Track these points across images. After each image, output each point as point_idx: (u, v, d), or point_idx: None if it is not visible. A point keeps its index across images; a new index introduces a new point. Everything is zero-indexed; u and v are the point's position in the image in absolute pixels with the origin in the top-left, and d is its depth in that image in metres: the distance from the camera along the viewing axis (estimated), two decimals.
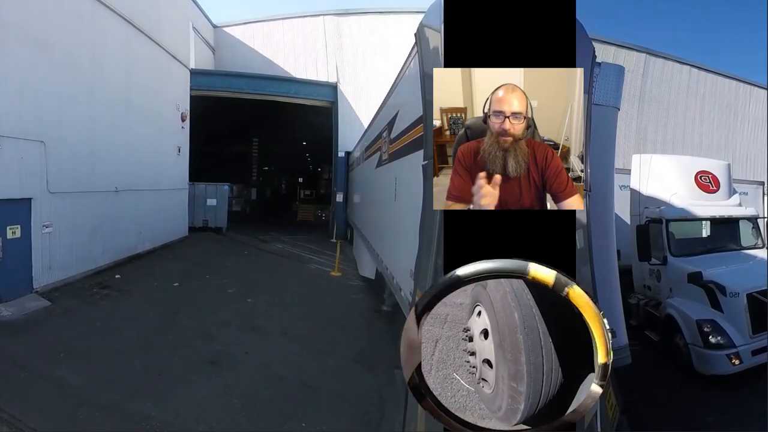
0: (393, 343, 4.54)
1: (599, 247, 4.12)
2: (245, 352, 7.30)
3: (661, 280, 8.28)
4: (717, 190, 8.70)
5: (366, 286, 11.41)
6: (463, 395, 1.80)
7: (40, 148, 9.25)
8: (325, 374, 6.67)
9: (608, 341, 1.49)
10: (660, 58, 19.93)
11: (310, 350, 7.54)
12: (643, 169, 9.13)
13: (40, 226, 9.34)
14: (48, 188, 9.47)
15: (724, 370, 6.72)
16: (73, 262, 10.33)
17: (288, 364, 6.97)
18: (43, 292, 9.26)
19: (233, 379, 6.35)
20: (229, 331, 8.24)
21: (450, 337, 1.85)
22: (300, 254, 16.06)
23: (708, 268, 7.34)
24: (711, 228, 8.57)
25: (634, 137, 19.27)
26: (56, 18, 9.68)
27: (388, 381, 6.15)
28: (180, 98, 16.02)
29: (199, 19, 18.71)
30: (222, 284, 11.20)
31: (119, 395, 5.59)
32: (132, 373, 6.23)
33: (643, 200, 8.95)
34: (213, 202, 18.52)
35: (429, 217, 3.24)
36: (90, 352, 6.81)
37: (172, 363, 6.67)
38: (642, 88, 19.61)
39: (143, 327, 8.06)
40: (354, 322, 9.07)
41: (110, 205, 11.70)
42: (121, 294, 9.98)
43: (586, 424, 2.34)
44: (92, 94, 10.93)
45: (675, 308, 7.57)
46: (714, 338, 6.79)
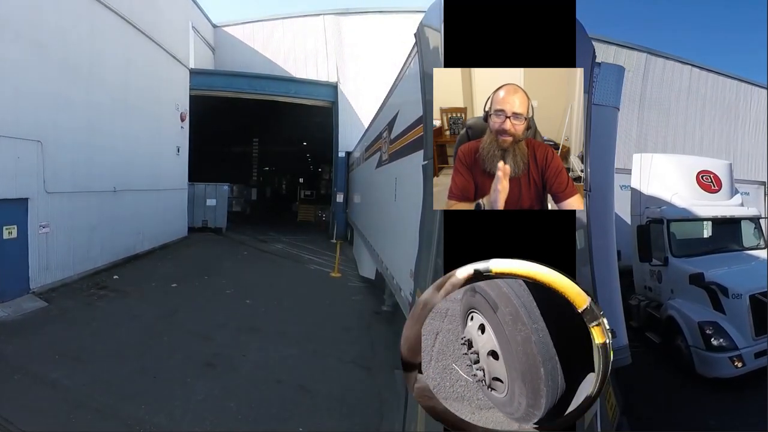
0: (393, 345, 4.27)
1: (599, 247, 4.10)
2: (243, 354, 7.21)
3: (662, 281, 8.20)
4: (719, 190, 8.62)
5: (366, 288, 11.31)
6: (461, 388, 1.80)
7: (37, 148, 9.19)
8: (323, 377, 6.58)
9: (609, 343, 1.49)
10: (661, 57, 19.86)
11: (309, 352, 7.46)
12: (643, 168, 9.05)
13: (37, 227, 9.28)
14: (45, 188, 9.41)
15: (727, 372, 6.64)
16: (71, 263, 10.27)
17: (286, 366, 6.87)
18: (40, 293, 9.20)
19: (230, 381, 6.26)
20: (226, 332, 8.15)
21: (450, 330, 1.85)
22: (299, 255, 15.98)
23: (710, 269, 7.25)
24: (713, 228, 8.47)
25: (635, 137, 19.21)
26: (54, 17, 9.62)
27: (388, 384, 6.07)
28: (179, 98, 15.97)
29: (198, 18, 18.66)
30: (220, 285, 11.12)
31: (113, 398, 5.52)
32: (127, 375, 6.16)
33: (644, 200, 8.86)
34: (213, 202, 18.46)
35: (429, 217, 3.23)
36: (85, 354, 6.75)
37: (168, 365, 6.59)
38: (643, 88, 19.57)
39: (140, 328, 7.98)
40: (353, 323, 8.98)
41: (108, 206, 11.64)
42: (119, 295, 9.89)
43: (586, 424, 2.31)
44: (90, 94, 10.88)
45: (676, 310, 7.48)
46: (716, 340, 6.71)
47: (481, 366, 1.76)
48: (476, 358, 1.78)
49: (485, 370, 1.75)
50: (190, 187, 17.54)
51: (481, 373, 1.77)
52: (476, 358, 1.78)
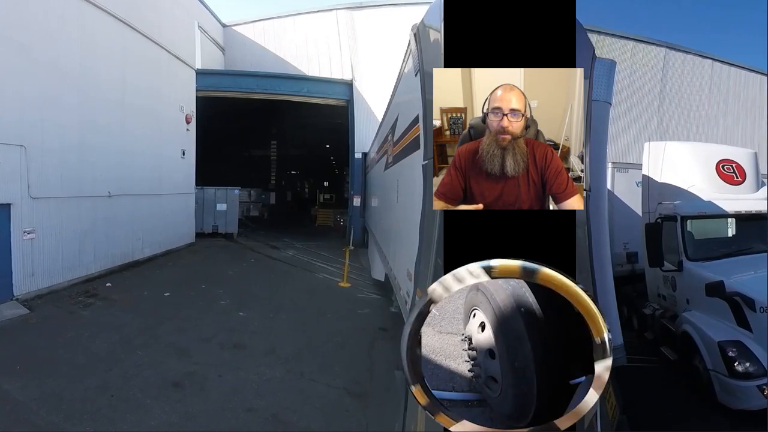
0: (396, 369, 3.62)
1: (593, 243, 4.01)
2: (219, 374, 6.43)
3: (677, 289, 6.98)
4: (742, 181, 7.45)
5: (375, 299, 10.48)
6: (461, 388, 1.81)
7: (21, 153, 8.83)
8: (304, 406, 5.70)
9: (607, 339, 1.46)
10: (680, 52, 19.30)
11: (295, 375, 6.57)
12: (656, 158, 7.92)
13: (21, 232, 8.91)
14: (30, 193, 9.04)
15: (756, 404, 5.31)
16: (59, 269, 9.87)
17: (263, 391, 6.03)
18: (25, 300, 8.85)
19: (194, 406, 5.55)
20: (208, 348, 7.41)
21: (451, 329, 1.88)
22: (310, 262, 15.12)
23: (732, 275, 5.96)
24: (736, 226, 7.21)
25: (656, 133, 18.43)
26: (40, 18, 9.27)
27: (379, 417, 5.34)
28: (184, 99, 15.50)
29: (206, 18, 18.28)
30: (216, 295, 10.42)
31: (60, 415, 5.15)
32: (85, 391, 5.72)
33: (655, 194, 7.73)
34: (223, 207, 17.92)
35: (429, 218, 3.19)
36: (50, 366, 6.34)
37: (132, 383, 6.03)
38: (662, 84, 18.99)
39: (116, 340, 7.43)
40: (355, 340, 8.02)
41: (102, 211, 11.20)
42: (106, 303, 9.38)
43: (586, 424, 2.20)
44: (83, 97, 10.49)
45: (692, 325, 6.22)
46: (741, 365, 5.42)
47: (478, 363, 1.78)
48: (475, 356, 1.79)
49: (482, 368, 1.77)
50: (199, 192, 17.05)
51: (478, 369, 1.79)
52: (475, 356, 1.79)
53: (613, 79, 5.74)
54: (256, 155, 30.59)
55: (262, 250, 16.90)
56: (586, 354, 1.50)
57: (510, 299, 1.67)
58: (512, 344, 1.67)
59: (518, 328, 1.65)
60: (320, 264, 14.74)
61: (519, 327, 1.65)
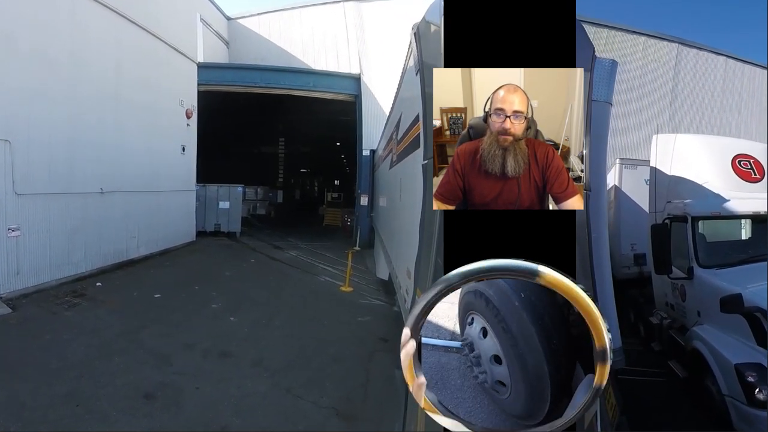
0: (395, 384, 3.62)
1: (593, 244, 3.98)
2: (196, 386, 5.94)
3: (686, 299, 6.26)
4: (761, 178, 6.73)
5: (378, 305, 9.92)
6: (461, 388, 1.76)
7: (5, 148, 8.48)
8: (284, 428, 5.16)
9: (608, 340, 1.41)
10: (693, 48, 18.66)
11: (281, 390, 6.02)
12: (664, 152, 7.24)
13: (5, 230, 8.56)
14: (14, 189, 8.69)
15: None
16: (47, 268, 9.50)
17: (242, 408, 5.51)
18: (9, 299, 8.50)
19: (162, 422, 5.10)
20: (191, 355, 6.93)
21: (450, 330, 1.82)
22: (313, 263, 14.56)
23: (749, 284, 5.15)
24: (752, 228, 6.44)
25: (667, 128, 17.70)
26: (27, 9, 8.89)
27: None
28: (185, 93, 15.06)
29: (209, 10, 17.83)
30: (209, 297, 9.95)
31: (18, 424, 4.84)
32: (49, 399, 5.32)
33: (663, 192, 7.06)
34: (226, 205, 17.46)
35: (429, 217, 3.15)
36: (19, 370, 6.01)
37: (102, 392, 5.62)
38: (675, 79, 18.42)
39: (95, 344, 7.02)
40: (351, 352, 7.43)
41: (94, 208, 10.82)
42: (93, 304, 8.98)
43: (586, 424, 2.07)
44: (73, 90, 10.10)
45: (705, 343, 5.44)
46: (762, 392, 4.62)
47: (483, 369, 1.71)
48: (478, 362, 1.72)
49: (488, 374, 1.71)
50: (201, 189, 16.62)
51: (483, 375, 1.71)
52: (478, 362, 1.72)
53: (614, 79, 5.63)
54: (264, 152, 30.16)
55: (265, 250, 16.42)
56: (586, 354, 1.47)
57: (513, 302, 1.62)
58: (522, 349, 1.63)
59: (526, 331, 1.61)
60: (323, 266, 14.18)
61: (527, 330, 1.60)
